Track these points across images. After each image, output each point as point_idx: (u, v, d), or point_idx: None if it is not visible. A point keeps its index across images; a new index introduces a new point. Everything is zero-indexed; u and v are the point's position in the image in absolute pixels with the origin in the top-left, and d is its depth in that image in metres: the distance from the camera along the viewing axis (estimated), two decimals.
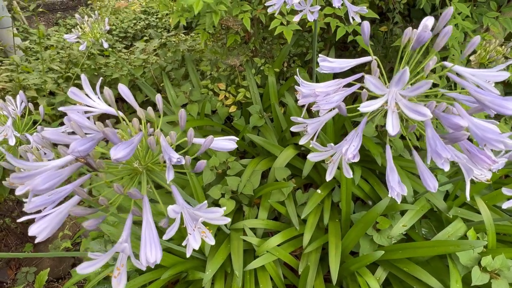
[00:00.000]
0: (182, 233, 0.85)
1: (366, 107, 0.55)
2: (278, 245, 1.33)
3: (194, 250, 1.34)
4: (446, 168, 0.56)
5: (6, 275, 1.85)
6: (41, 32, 2.32)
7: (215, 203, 1.41)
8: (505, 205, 0.94)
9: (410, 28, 0.60)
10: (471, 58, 1.07)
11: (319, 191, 1.41)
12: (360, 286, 1.19)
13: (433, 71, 0.69)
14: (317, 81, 1.81)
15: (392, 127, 0.55)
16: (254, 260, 1.27)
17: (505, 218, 1.29)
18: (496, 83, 1.91)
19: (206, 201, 0.59)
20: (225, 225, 1.39)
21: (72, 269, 1.79)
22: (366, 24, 0.63)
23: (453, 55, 1.57)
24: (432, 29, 0.60)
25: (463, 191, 1.49)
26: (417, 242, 1.24)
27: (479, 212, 1.26)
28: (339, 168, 1.32)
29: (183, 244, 0.66)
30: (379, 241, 1.24)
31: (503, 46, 1.03)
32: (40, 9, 2.54)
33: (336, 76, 1.62)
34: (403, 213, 1.31)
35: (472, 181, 0.73)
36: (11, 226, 1.98)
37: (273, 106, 1.73)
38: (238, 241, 1.32)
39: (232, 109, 1.82)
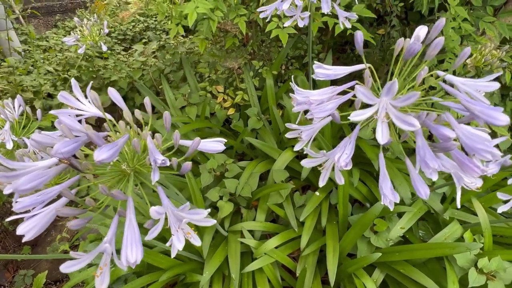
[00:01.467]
0: None
1: (357, 116, 0.56)
2: (276, 247, 1.33)
3: (191, 252, 1.34)
4: (434, 177, 0.58)
5: (4, 278, 1.85)
6: (32, 34, 2.33)
7: (213, 205, 1.42)
8: (500, 209, 0.95)
9: (402, 38, 0.60)
10: (467, 61, 1.08)
11: (317, 193, 1.41)
12: None
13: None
14: (314, 84, 1.82)
15: (382, 136, 0.56)
16: (252, 262, 1.28)
17: (502, 220, 1.30)
18: None
19: (188, 202, 0.60)
20: (223, 227, 1.39)
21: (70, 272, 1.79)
22: (360, 34, 0.64)
23: (450, 58, 1.58)
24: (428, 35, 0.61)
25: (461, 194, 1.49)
26: (414, 245, 1.24)
27: (476, 214, 1.27)
28: None
29: (167, 244, 0.66)
30: (377, 243, 1.24)
31: (498, 50, 1.04)
32: (30, 10, 2.55)
33: (334, 80, 1.63)
34: (400, 215, 1.32)
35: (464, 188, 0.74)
36: (9, 228, 1.98)
37: (271, 109, 1.74)
38: (235, 243, 1.32)
39: (231, 111, 1.83)
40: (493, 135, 1.06)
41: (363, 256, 1.22)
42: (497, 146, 1.84)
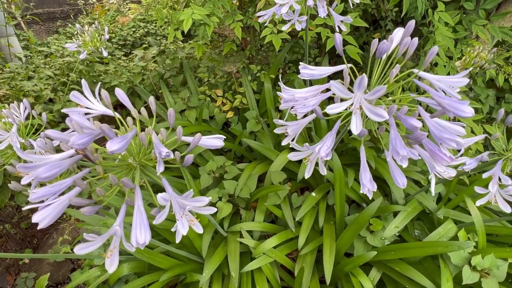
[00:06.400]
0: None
1: (332, 109, 0.61)
2: (275, 247, 1.35)
3: (191, 253, 1.37)
4: (404, 164, 0.63)
5: (6, 281, 1.86)
6: (32, 39, 2.37)
7: (213, 206, 1.44)
8: (478, 203, 0.98)
9: (377, 40, 0.65)
10: (457, 63, 1.12)
11: (313, 194, 1.44)
12: (354, 287, 1.21)
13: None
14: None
15: (356, 127, 0.61)
16: (251, 262, 1.30)
17: (495, 219, 1.32)
18: (489, 88, 1.94)
19: (192, 190, 0.63)
20: (222, 227, 1.42)
21: (71, 274, 1.81)
22: (338, 36, 0.70)
23: (446, 62, 1.61)
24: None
25: (456, 194, 1.52)
26: (408, 243, 1.27)
27: (470, 214, 1.30)
28: (332, 170, 1.36)
29: (172, 230, 0.70)
30: (373, 242, 1.27)
31: (487, 52, 1.08)
32: (30, 16, 2.60)
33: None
34: (396, 214, 1.34)
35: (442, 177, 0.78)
36: (10, 232, 2.00)
37: (269, 112, 1.77)
38: (235, 244, 1.34)
39: (229, 114, 1.86)
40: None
41: (359, 255, 1.24)
42: (492, 146, 1.86)
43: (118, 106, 2.35)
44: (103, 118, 2.20)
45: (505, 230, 1.34)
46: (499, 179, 0.91)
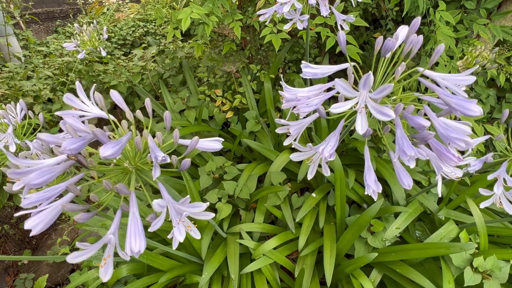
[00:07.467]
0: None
1: (337, 108, 0.59)
2: (275, 249, 1.34)
3: (191, 254, 1.36)
4: (412, 164, 0.61)
5: (4, 282, 1.85)
6: (30, 39, 2.36)
7: (212, 207, 1.43)
8: (483, 205, 0.97)
9: (381, 37, 0.63)
10: (458, 63, 1.11)
11: (313, 194, 1.43)
12: None
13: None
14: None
15: (361, 126, 0.59)
16: (251, 263, 1.29)
17: (497, 220, 1.31)
18: (489, 87, 1.93)
19: (189, 196, 0.62)
20: (222, 229, 1.41)
21: (70, 275, 1.80)
22: (342, 35, 0.68)
23: (447, 61, 1.60)
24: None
25: (457, 194, 1.51)
26: (409, 245, 1.26)
27: (472, 215, 1.29)
28: (333, 171, 1.35)
29: (169, 237, 0.69)
30: (373, 243, 1.26)
31: (489, 52, 1.06)
32: (29, 16, 2.59)
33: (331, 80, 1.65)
34: (397, 215, 1.33)
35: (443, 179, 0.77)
36: (9, 232, 1.99)
37: (269, 112, 1.76)
38: (234, 245, 1.33)
39: (229, 114, 1.85)
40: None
41: (360, 256, 1.23)
42: (493, 146, 1.84)
43: (117, 106, 2.33)
44: (101, 120, 2.18)
45: (507, 231, 1.33)
46: (504, 180, 0.90)
